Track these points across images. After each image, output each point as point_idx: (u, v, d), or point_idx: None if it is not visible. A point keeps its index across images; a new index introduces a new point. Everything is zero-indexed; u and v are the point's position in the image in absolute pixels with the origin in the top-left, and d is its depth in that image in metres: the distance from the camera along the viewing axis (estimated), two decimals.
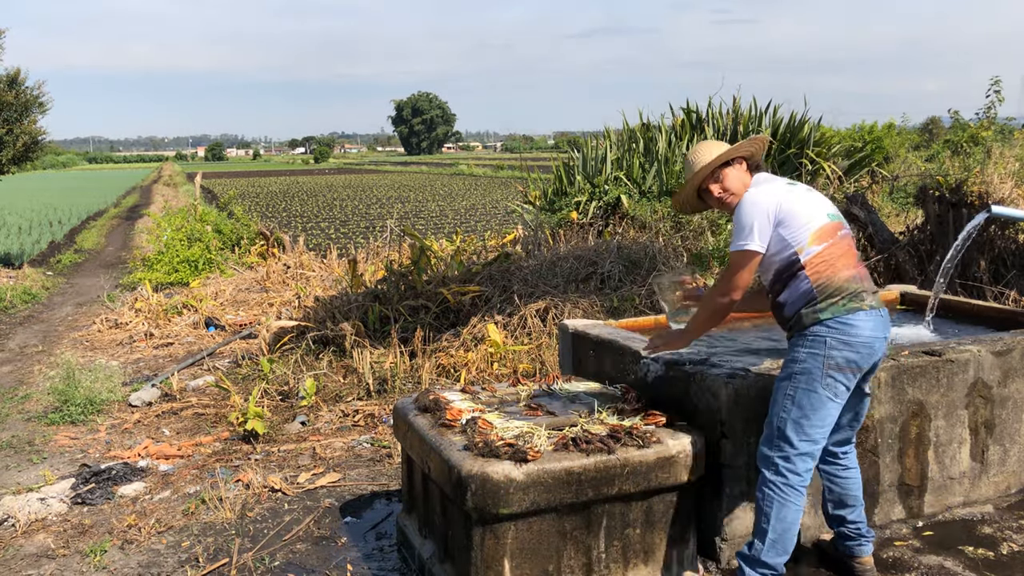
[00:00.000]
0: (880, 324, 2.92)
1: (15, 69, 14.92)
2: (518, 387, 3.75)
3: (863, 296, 2.90)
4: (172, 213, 18.10)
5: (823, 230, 2.95)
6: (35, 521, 4.24)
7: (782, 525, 2.92)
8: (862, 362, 2.89)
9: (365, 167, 78.99)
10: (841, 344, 2.85)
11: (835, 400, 2.90)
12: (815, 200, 3.05)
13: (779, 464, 2.93)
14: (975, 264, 6.36)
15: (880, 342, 2.92)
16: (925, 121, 20.95)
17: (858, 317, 2.86)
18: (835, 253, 2.93)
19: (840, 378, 2.88)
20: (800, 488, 2.94)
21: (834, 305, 2.87)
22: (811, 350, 2.89)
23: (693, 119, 11.25)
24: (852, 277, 2.91)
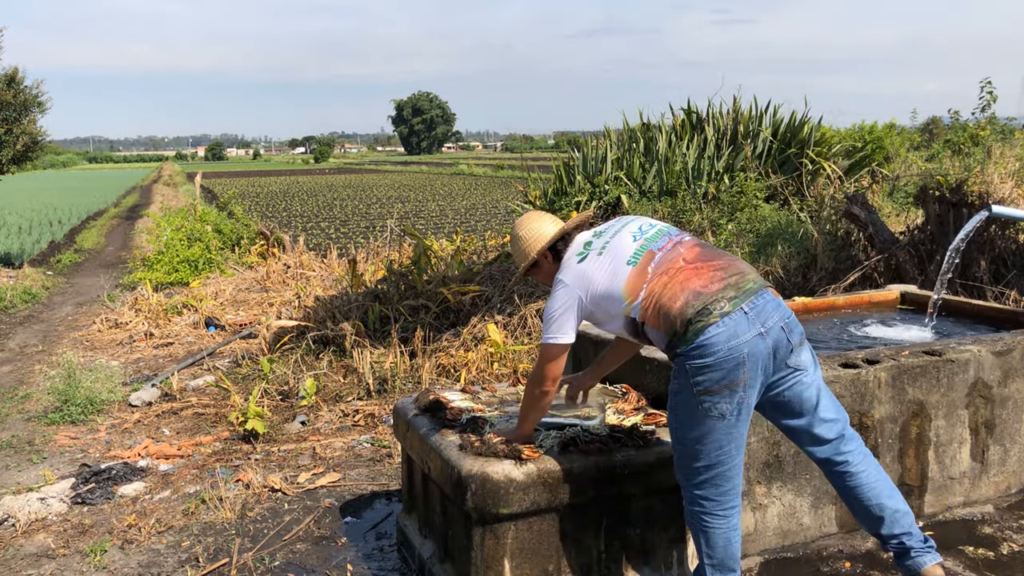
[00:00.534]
0: (740, 326, 2.63)
1: (13, 68, 14.92)
2: (518, 387, 3.76)
3: (709, 309, 2.63)
4: (172, 213, 18.12)
5: (630, 281, 2.77)
6: (35, 521, 4.24)
7: (715, 550, 2.80)
8: (733, 375, 2.62)
9: (365, 167, 79.00)
10: (700, 369, 2.63)
11: (725, 419, 2.67)
12: (611, 256, 2.84)
13: (691, 492, 2.80)
14: (975, 264, 6.36)
15: (749, 344, 2.62)
16: (925, 121, 20.94)
17: (708, 334, 2.62)
18: (656, 291, 2.72)
19: (716, 399, 2.65)
20: (719, 512, 2.77)
21: (683, 337, 2.65)
22: (678, 380, 2.73)
23: (693, 119, 11.25)
24: (686, 303, 2.66)
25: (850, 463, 2.85)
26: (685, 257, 2.79)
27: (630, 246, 2.86)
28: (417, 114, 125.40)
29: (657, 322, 2.70)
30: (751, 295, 2.69)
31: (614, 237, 2.92)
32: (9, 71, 14.86)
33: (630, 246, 2.86)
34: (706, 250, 2.84)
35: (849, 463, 2.85)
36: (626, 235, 2.90)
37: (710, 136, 10.57)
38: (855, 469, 2.85)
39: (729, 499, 2.78)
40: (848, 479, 2.86)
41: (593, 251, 2.91)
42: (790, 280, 7.42)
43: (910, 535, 2.83)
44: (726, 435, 2.70)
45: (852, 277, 6.75)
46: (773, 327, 2.68)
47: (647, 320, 2.73)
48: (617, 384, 3.71)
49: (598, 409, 3.35)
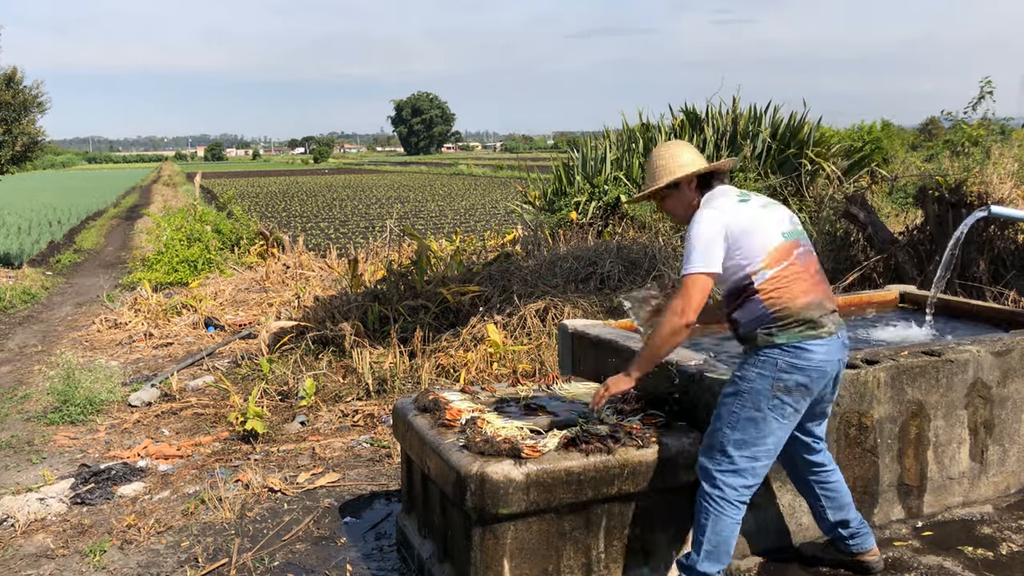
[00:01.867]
0: (835, 349, 2.87)
1: (11, 68, 14.91)
2: (518, 387, 3.75)
3: (822, 322, 2.83)
4: (171, 213, 18.11)
5: (778, 251, 2.83)
6: (34, 521, 4.23)
7: (717, 537, 2.87)
8: (812, 386, 2.85)
9: (365, 167, 78.98)
10: (792, 368, 2.80)
11: (781, 421, 2.83)
12: (769, 217, 2.91)
13: (717, 477, 2.88)
14: (974, 264, 6.36)
15: (833, 365, 2.88)
16: (924, 121, 20.93)
17: (815, 344, 2.81)
18: (791, 276, 2.81)
19: (788, 400, 2.83)
20: (737, 503, 2.88)
21: (790, 331, 2.79)
22: (761, 371, 2.82)
23: (693, 119, 11.26)
24: (810, 303, 2.81)
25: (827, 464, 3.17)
26: (815, 266, 2.96)
27: (787, 223, 2.95)
28: (417, 114, 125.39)
29: (773, 301, 2.81)
30: (842, 326, 2.95)
31: (773, 205, 3.00)
32: (8, 71, 14.85)
33: (787, 223, 2.95)
34: (821, 271, 3.01)
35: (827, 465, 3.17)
36: (782, 211, 2.99)
37: (709, 136, 10.58)
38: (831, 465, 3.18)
39: (749, 492, 2.92)
40: (833, 476, 3.16)
41: (755, 202, 2.96)
42: None
43: (859, 519, 3.20)
44: (775, 436, 2.87)
45: (851, 277, 6.76)
46: (844, 360, 2.97)
47: (764, 292, 2.82)
48: None
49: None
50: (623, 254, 7.50)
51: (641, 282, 7.04)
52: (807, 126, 10.52)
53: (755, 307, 2.84)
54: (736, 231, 2.84)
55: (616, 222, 9.26)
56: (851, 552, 3.22)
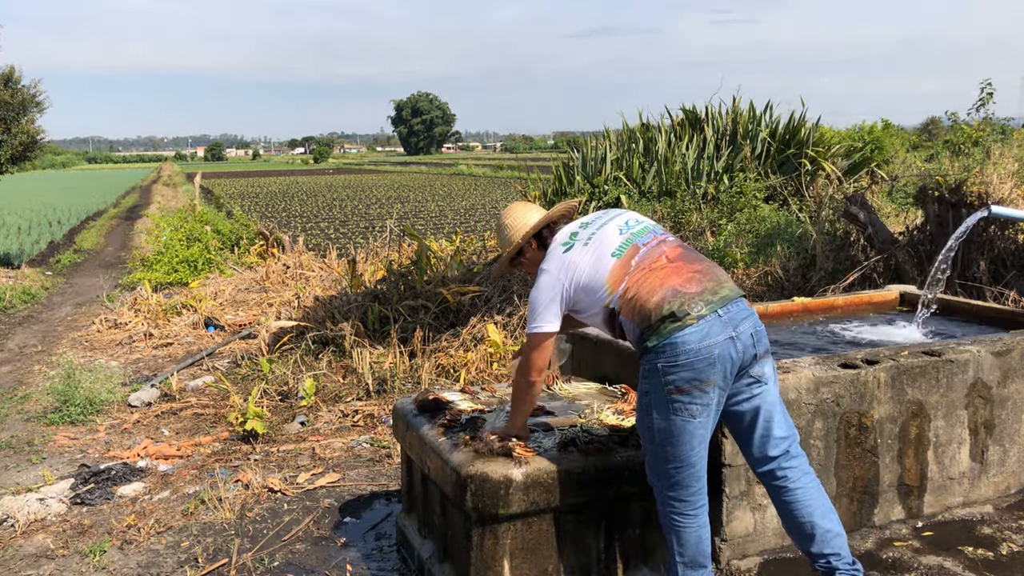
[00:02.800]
0: (714, 328, 2.69)
1: (8, 67, 14.89)
2: None
3: (686, 310, 2.69)
4: (171, 213, 18.11)
5: (613, 272, 2.83)
6: (34, 521, 4.23)
7: (686, 548, 2.83)
8: (703, 375, 2.67)
9: (365, 167, 78.96)
10: (672, 367, 2.69)
11: (693, 420, 2.71)
12: (594, 250, 2.90)
13: (662, 493, 2.84)
14: (975, 264, 6.36)
15: (719, 346, 2.68)
16: (924, 121, 20.96)
17: (683, 334, 2.67)
18: (635, 285, 2.78)
19: (687, 399, 2.69)
20: (690, 512, 2.81)
21: (656, 332, 2.71)
22: (648, 379, 2.76)
23: (693, 119, 11.26)
24: (663, 298, 2.72)
25: (788, 479, 2.85)
26: (668, 255, 2.86)
27: (616, 238, 2.92)
28: (417, 114, 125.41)
29: (632, 314, 2.77)
30: (727, 301, 2.76)
31: (600, 229, 2.97)
32: (6, 70, 14.84)
33: (616, 238, 2.92)
34: (687, 252, 2.91)
35: (788, 479, 2.85)
36: (612, 228, 2.96)
37: (709, 136, 10.58)
38: (792, 486, 2.85)
39: (698, 498, 2.82)
40: (784, 494, 2.86)
41: (579, 241, 2.96)
42: (789, 280, 7.42)
43: (838, 556, 2.83)
44: (695, 435, 2.74)
45: (851, 277, 6.76)
46: (743, 333, 2.74)
47: (623, 310, 2.80)
48: (617, 384, 3.71)
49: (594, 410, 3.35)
50: None
51: None
52: (806, 126, 10.53)
53: (627, 327, 2.82)
54: (572, 280, 2.88)
55: None
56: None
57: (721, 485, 3.28)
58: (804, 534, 2.85)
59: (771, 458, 2.86)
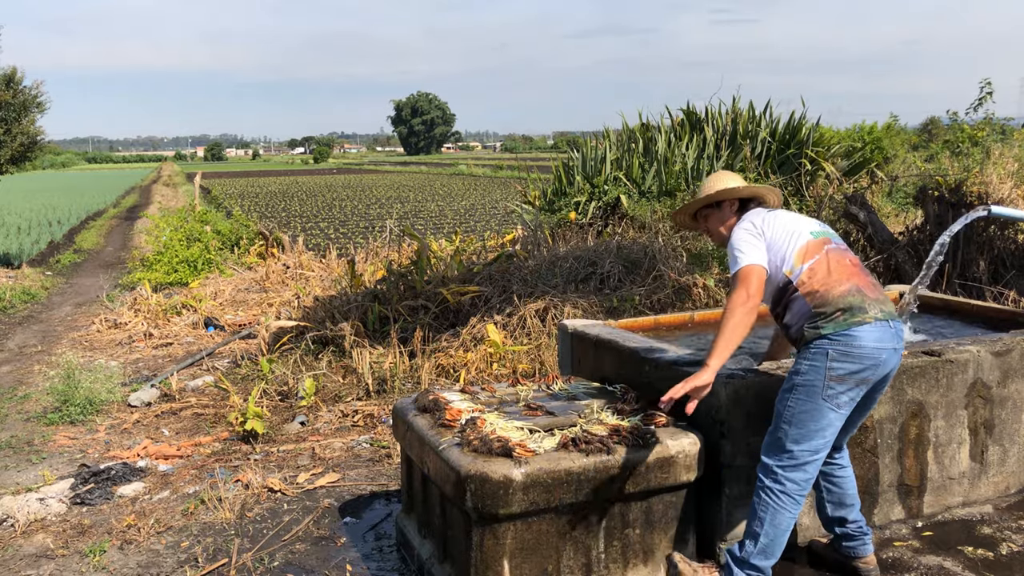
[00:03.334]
0: (887, 335, 2.90)
1: (11, 68, 14.90)
2: (517, 387, 3.75)
3: (866, 308, 2.89)
4: (171, 213, 18.10)
5: (807, 248, 3.00)
6: (34, 521, 4.23)
7: (775, 531, 2.95)
8: (866, 374, 2.89)
9: (364, 167, 78.96)
10: (842, 356, 2.86)
11: (837, 411, 2.91)
12: (797, 221, 3.12)
13: (778, 473, 2.95)
14: (974, 264, 6.37)
15: (888, 353, 2.90)
16: (924, 121, 20.94)
17: (862, 329, 2.86)
18: (824, 268, 2.95)
19: (842, 389, 2.88)
20: (797, 497, 2.96)
21: (834, 320, 2.88)
22: (812, 362, 2.90)
23: (692, 119, 11.26)
24: (848, 291, 2.91)
25: (843, 463, 3.22)
26: (851, 260, 3.06)
27: (815, 224, 3.15)
28: (416, 114, 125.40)
29: (812, 295, 2.93)
30: (894, 317, 2.98)
31: (794, 216, 3.18)
32: (8, 71, 14.84)
33: (815, 224, 3.15)
34: (863, 266, 3.11)
35: (842, 463, 3.21)
36: (809, 218, 3.20)
37: (709, 136, 10.58)
38: (847, 462, 3.23)
39: (808, 486, 2.99)
40: (840, 471, 3.20)
41: (781, 212, 3.18)
42: None
43: (863, 522, 3.24)
44: (832, 426, 2.92)
45: None
46: (900, 349, 2.99)
47: (803, 287, 2.95)
48: (617, 384, 3.71)
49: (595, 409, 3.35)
50: (623, 254, 7.50)
51: (641, 282, 7.04)
52: (806, 126, 10.52)
53: (798, 305, 2.97)
54: (769, 232, 3.06)
55: (616, 222, 9.25)
56: (846, 555, 3.25)
57: (721, 485, 3.28)
58: (847, 505, 3.20)
59: (837, 448, 3.17)
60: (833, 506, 3.22)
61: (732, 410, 3.24)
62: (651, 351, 3.70)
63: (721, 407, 3.24)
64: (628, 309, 6.44)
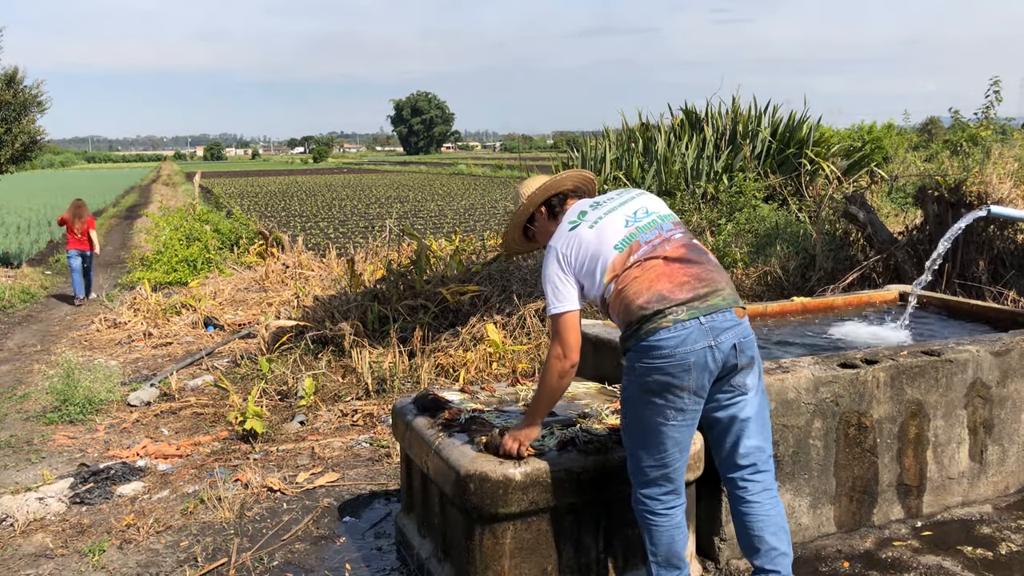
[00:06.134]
0: (694, 334, 2.65)
1: (13, 68, 14.90)
2: (517, 387, 3.76)
3: (665, 312, 2.67)
4: (171, 213, 18.10)
5: (613, 265, 2.81)
6: (33, 521, 4.23)
7: (658, 547, 2.84)
8: (678, 380, 2.65)
9: (364, 167, 78.95)
10: (647, 369, 2.68)
11: (667, 423, 2.70)
12: (599, 237, 2.86)
13: (635, 491, 2.86)
14: (974, 264, 6.37)
15: (696, 354, 2.64)
16: (924, 121, 20.94)
17: (658, 336, 2.65)
18: (626, 283, 2.76)
19: (659, 401, 2.69)
20: (662, 511, 2.81)
21: (636, 332, 2.71)
22: (627, 378, 2.77)
23: (692, 119, 11.26)
24: (648, 300, 2.70)
25: (748, 491, 2.86)
26: (668, 255, 2.80)
27: (620, 231, 2.87)
28: (416, 114, 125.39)
29: (618, 310, 2.80)
30: (714, 310, 2.70)
31: (608, 215, 2.92)
32: (9, 71, 14.84)
33: (620, 231, 2.87)
34: (691, 252, 2.84)
35: (748, 491, 2.86)
36: (619, 217, 2.91)
37: (709, 136, 10.58)
38: (751, 498, 2.86)
39: (671, 499, 2.83)
40: (741, 504, 2.88)
41: (585, 222, 2.92)
42: (789, 280, 7.42)
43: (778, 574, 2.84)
44: (668, 438, 2.73)
45: (851, 277, 6.76)
46: (724, 343, 2.69)
47: (612, 305, 2.83)
48: (616, 384, 3.71)
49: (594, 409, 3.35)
50: None
51: None
52: (806, 126, 10.53)
53: (615, 321, 2.85)
54: (577, 258, 2.86)
55: None
56: None
57: (720, 485, 3.28)
58: (752, 547, 2.86)
59: (737, 467, 2.86)
60: (740, 541, 2.92)
61: None
62: None
63: None
64: None
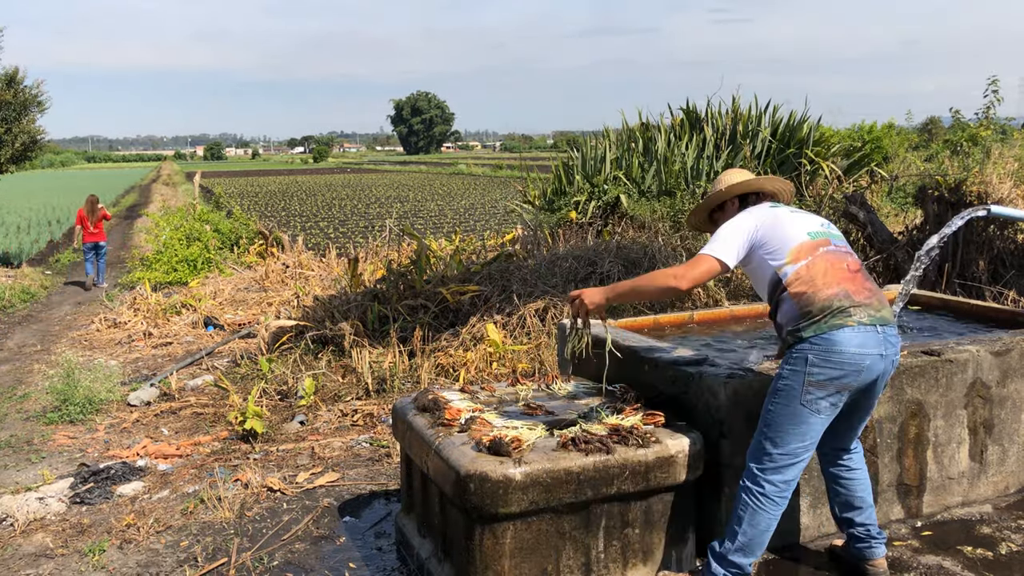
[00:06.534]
0: (871, 340, 2.84)
1: (13, 68, 14.91)
2: (517, 387, 3.76)
3: (850, 312, 2.84)
4: (171, 212, 18.10)
5: (801, 248, 2.96)
6: (34, 521, 4.23)
7: (753, 531, 2.96)
8: (847, 380, 2.85)
9: (364, 166, 78.95)
10: (822, 361, 2.82)
11: (817, 416, 2.88)
12: (797, 220, 3.08)
13: (757, 475, 2.96)
14: (974, 264, 6.37)
15: (871, 359, 2.84)
16: (925, 121, 20.94)
17: (842, 333, 2.81)
18: (815, 271, 2.91)
19: (821, 394, 2.85)
20: (776, 498, 2.95)
21: (816, 323, 2.84)
22: (792, 367, 2.89)
23: (692, 119, 11.25)
24: (836, 294, 2.86)
25: (854, 462, 3.20)
26: (850, 265, 3.01)
27: (817, 226, 3.10)
28: (416, 114, 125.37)
29: (799, 296, 2.90)
30: (886, 322, 2.92)
31: (805, 213, 3.17)
32: (9, 71, 14.84)
33: (817, 226, 3.10)
34: (864, 271, 3.07)
35: (854, 462, 3.20)
36: (816, 219, 3.15)
37: (709, 136, 10.57)
38: (857, 468, 3.20)
39: (789, 488, 2.98)
40: (848, 473, 3.19)
41: (783, 208, 3.16)
42: None
43: (874, 525, 3.21)
44: (813, 429, 2.90)
45: None
46: (890, 355, 2.92)
47: (791, 287, 2.92)
48: (617, 384, 3.71)
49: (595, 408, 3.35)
50: (622, 254, 7.50)
51: None
52: (807, 125, 10.52)
53: (787, 306, 2.95)
54: (764, 228, 3.04)
55: (615, 222, 9.25)
56: (856, 556, 3.24)
57: (720, 485, 3.28)
58: (855, 506, 3.19)
59: (844, 449, 3.17)
60: (840, 507, 3.22)
61: (732, 410, 3.24)
62: (651, 351, 3.70)
63: (721, 407, 3.24)
64: (628, 309, 6.44)
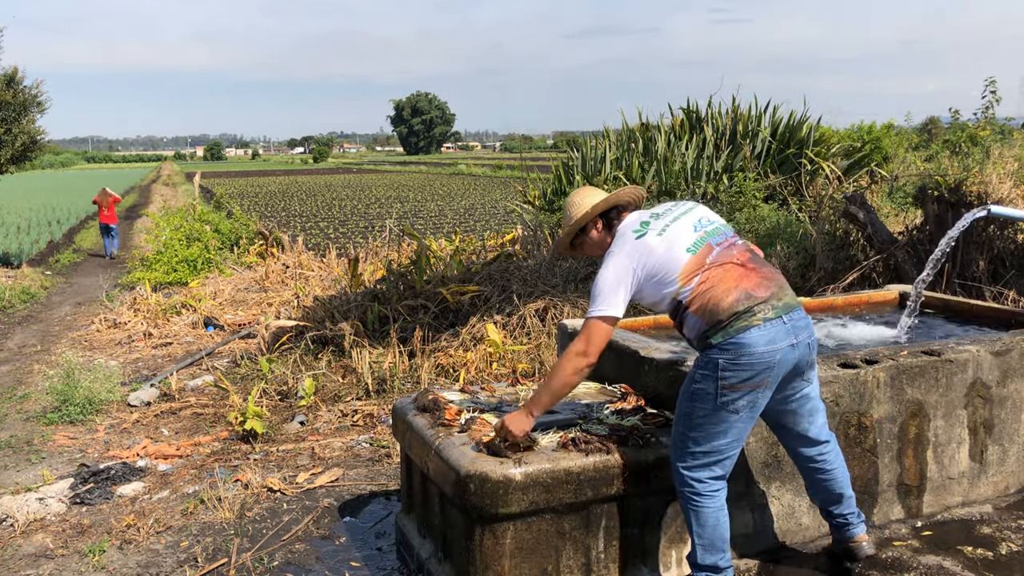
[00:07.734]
0: (779, 333, 2.80)
1: (12, 68, 14.92)
2: (517, 387, 3.76)
3: (754, 311, 2.80)
4: (171, 213, 18.10)
5: (687, 267, 2.88)
6: (34, 521, 4.23)
7: (704, 529, 2.93)
8: (759, 378, 2.80)
9: (364, 167, 78.97)
10: (732, 365, 2.79)
11: (737, 415, 2.84)
12: (668, 239, 2.94)
13: (684, 474, 2.91)
14: (974, 264, 6.37)
15: (782, 352, 2.80)
16: (924, 121, 20.93)
17: (749, 335, 2.77)
18: (709, 283, 2.85)
19: (735, 396, 2.81)
20: (709, 494, 2.90)
21: (723, 330, 2.80)
22: (704, 371, 2.85)
23: (692, 119, 11.26)
24: (737, 299, 2.81)
25: (828, 461, 3.15)
26: (738, 259, 2.93)
27: (691, 235, 2.97)
28: (416, 114, 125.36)
29: (702, 310, 2.85)
30: (790, 308, 2.88)
31: (674, 222, 3.01)
32: (9, 71, 14.85)
33: (691, 235, 2.97)
34: (754, 257, 3.01)
35: (828, 461, 3.14)
36: (686, 223, 3.01)
37: (709, 136, 10.58)
38: (832, 464, 3.16)
39: (720, 482, 2.94)
40: (824, 472, 3.15)
41: (652, 230, 2.99)
42: (789, 280, 7.41)
43: (853, 512, 3.24)
44: (733, 429, 2.87)
45: (851, 277, 6.76)
46: (802, 342, 2.88)
47: (692, 305, 2.87)
48: (616, 384, 3.71)
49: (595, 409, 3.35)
50: None
51: None
52: (807, 125, 10.52)
53: (691, 321, 2.90)
54: (642, 262, 2.92)
55: None
56: (841, 541, 3.28)
57: None
58: (832, 499, 3.20)
59: (815, 443, 3.11)
60: (818, 500, 3.25)
61: None
62: (651, 351, 3.70)
63: None
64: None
